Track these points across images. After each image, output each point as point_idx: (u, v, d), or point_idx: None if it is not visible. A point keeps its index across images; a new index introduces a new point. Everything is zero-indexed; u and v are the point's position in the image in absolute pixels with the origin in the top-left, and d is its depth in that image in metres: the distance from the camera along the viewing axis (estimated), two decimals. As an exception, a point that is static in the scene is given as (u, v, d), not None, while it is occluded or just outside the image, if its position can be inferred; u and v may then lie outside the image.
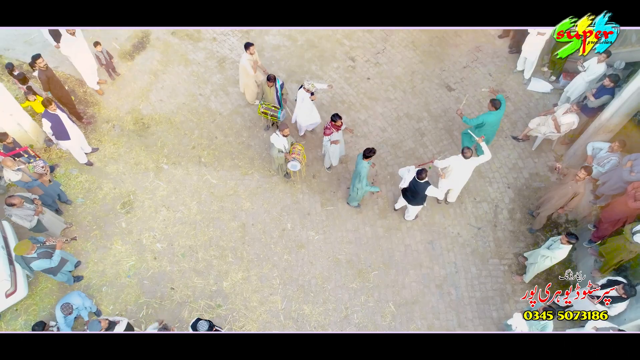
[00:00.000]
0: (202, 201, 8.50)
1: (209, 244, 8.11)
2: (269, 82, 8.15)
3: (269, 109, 8.51)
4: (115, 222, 8.25)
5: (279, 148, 7.79)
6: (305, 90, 8.09)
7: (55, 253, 6.73)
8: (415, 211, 7.90)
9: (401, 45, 10.44)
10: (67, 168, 8.74)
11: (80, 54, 8.90)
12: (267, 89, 8.31)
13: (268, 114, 8.58)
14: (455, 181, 7.74)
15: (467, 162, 7.30)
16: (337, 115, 7.68)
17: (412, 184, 7.23)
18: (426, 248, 8.12)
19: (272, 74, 8.14)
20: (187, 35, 10.52)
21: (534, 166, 8.89)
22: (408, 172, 7.27)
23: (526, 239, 8.18)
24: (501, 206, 8.50)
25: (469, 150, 7.20)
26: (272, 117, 8.64)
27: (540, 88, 9.75)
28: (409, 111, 9.53)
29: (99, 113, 9.43)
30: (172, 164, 8.87)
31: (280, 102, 8.52)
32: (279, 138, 7.74)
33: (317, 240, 8.16)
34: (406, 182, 7.26)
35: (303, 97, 8.19)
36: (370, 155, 7.23)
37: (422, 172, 7.01)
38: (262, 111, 8.60)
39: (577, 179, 7.02)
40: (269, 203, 8.51)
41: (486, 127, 7.79)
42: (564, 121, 8.25)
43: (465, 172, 7.53)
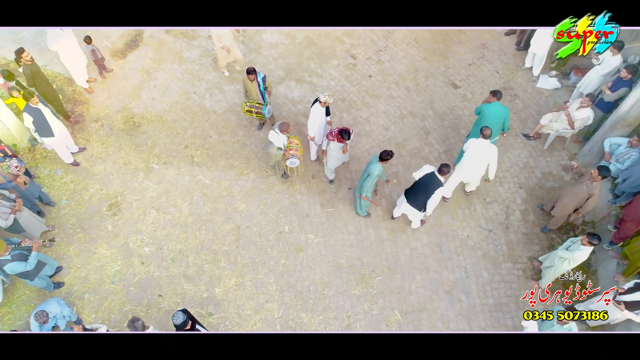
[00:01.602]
0: (194, 202, 7.98)
1: (200, 247, 7.56)
2: (250, 75, 7.62)
3: (253, 106, 8.05)
4: (100, 225, 7.72)
5: (278, 146, 7.30)
6: (322, 105, 7.30)
7: (31, 255, 6.19)
8: (418, 218, 7.32)
9: (403, 42, 10.04)
10: (51, 168, 8.25)
11: (69, 49, 8.49)
12: (249, 83, 7.78)
13: (253, 111, 8.11)
14: (473, 169, 7.22)
15: (487, 146, 6.85)
16: (347, 133, 6.93)
17: (427, 178, 6.68)
18: (433, 251, 7.56)
19: (251, 67, 7.61)
20: (181, 33, 10.14)
21: (546, 165, 8.38)
22: (427, 166, 6.76)
23: (541, 241, 7.63)
24: (513, 207, 7.96)
25: (489, 129, 6.76)
26: (257, 115, 8.15)
27: (549, 85, 9.31)
28: (413, 109, 9.08)
29: (88, 112, 8.98)
30: (163, 164, 8.38)
31: (264, 96, 8.05)
32: (278, 136, 7.23)
33: (317, 243, 7.62)
34: (422, 173, 6.73)
35: (317, 116, 7.46)
36: (387, 158, 6.64)
37: (445, 167, 6.50)
38: (247, 109, 8.12)
39: (592, 179, 6.52)
40: (266, 204, 7.99)
41: (485, 118, 7.28)
42: (579, 116, 7.77)
43: (483, 159, 7.03)
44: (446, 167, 6.46)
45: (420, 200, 6.86)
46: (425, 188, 6.70)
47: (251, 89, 7.84)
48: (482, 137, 6.83)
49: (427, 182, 6.66)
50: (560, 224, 7.49)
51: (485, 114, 7.29)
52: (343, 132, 6.93)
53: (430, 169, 6.67)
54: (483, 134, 6.80)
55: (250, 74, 7.61)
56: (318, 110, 7.38)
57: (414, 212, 7.08)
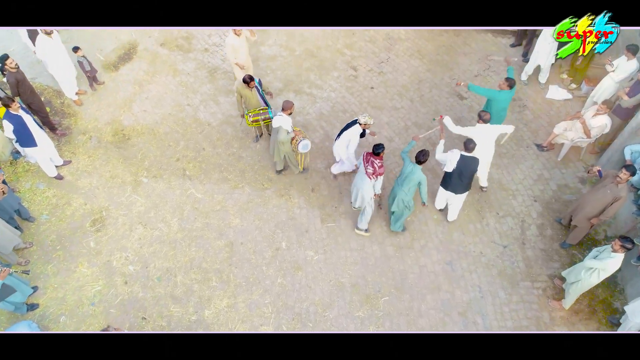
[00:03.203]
0: (185, 217, 7.41)
1: (189, 265, 6.94)
2: (249, 84, 7.19)
3: (258, 114, 7.55)
4: (82, 242, 7.12)
5: (287, 129, 6.89)
6: (362, 126, 6.94)
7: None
8: (461, 204, 6.99)
9: (406, 54, 9.70)
10: (33, 182, 7.72)
11: (57, 58, 8.12)
12: (248, 92, 7.33)
13: (259, 119, 7.60)
14: (482, 158, 6.76)
15: (489, 130, 6.56)
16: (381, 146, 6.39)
17: (461, 163, 6.32)
18: (444, 269, 6.93)
19: (246, 75, 7.21)
20: (177, 46, 9.83)
21: (561, 177, 7.85)
22: (451, 153, 6.36)
23: (561, 258, 7.01)
24: (528, 221, 7.38)
25: (487, 113, 6.51)
26: (265, 121, 7.68)
27: (559, 96, 8.90)
28: (418, 120, 8.62)
29: (76, 124, 8.53)
30: (153, 177, 7.85)
31: (265, 100, 7.61)
32: (284, 118, 6.84)
33: (317, 261, 6.99)
34: (453, 164, 6.29)
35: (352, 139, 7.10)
36: (425, 159, 6.26)
37: (470, 142, 6.13)
38: (252, 120, 7.58)
39: (617, 181, 5.99)
40: (261, 219, 7.41)
41: (493, 104, 7.09)
42: (595, 124, 7.29)
43: (489, 143, 6.73)
44: (472, 143, 6.18)
45: (466, 183, 6.62)
46: (465, 172, 6.45)
47: (250, 97, 7.39)
48: (481, 122, 6.59)
49: (464, 167, 6.39)
50: (581, 237, 6.89)
51: (495, 101, 7.12)
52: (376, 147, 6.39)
53: (457, 154, 6.34)
54: (483, 119, 6.56)
55: (249, 82, 7.18)
56: (356, 132, 7.03)
57: (461, 197, 6.85)
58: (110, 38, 9.91)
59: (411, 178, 6.34)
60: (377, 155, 6.38)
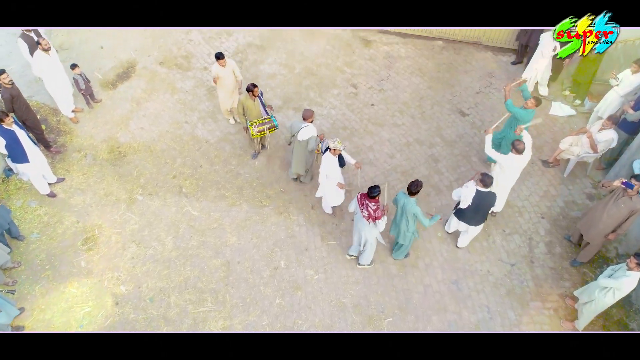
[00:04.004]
0: (180, 236, 7.15)
1: (184, 285, 6.64)
2: (252, 91, 7.05)
3: (263, 123, 7.39)
4: (73, 261, 6.85)
5: (314, 135, 6.77)
6: (332, 152, 6.39)
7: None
8: (476, 233, 6.67)
9: (406, 72, 9.63)
10: (25, 200, 7.50)
11: (54, 75, 8.03)
12: (250, 103, 7.19)
13: (264, 128, 7.42)
14: (506, 185, 6.65)
15: (521, 160, 6.35)
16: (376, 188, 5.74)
17: (477, 199, 6.01)
18: (450, 289, 6.63)
19: (250, 83, 7.10)
20: (176, 65, 9.78)
21: (568, 193, 7.63)
22: (466, 188, 6.03)
23: (571, 276, 6.72)
24: (536, 239, 7.12)
25: (521, 143, 6.21)
26: (270, 130, 7.50)
27: (563, 112, 8.78)
28: (420, 137, 8.47)
29: (71, 142, 8.36)
30: (148, 195, 7.63)
31: (267, 111, 7.48)
32: (310, 127, 6.74)
33: (317, 280, 6.70)
34: (469, 200, 6.00)
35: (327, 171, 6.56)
36: (417, 190, 5.80)
37: (487, 178, 5.83)
38: (258, 130, 7.39)
39: (629, 193, 5.77)
40: (259, 237, 7.15)
41: (516, 124, 6.92)
42: (601, 138, 7.11)
43: (516, 173, 6.54)
44: (489, 178, 5.87)
45: (482, 216, 6.29)
46: (481, 206, 6.12)
47: (252, 108, 7.25)
48: (515, 152, 6.26)
49: (480, 202, 6.06)
50: (592, 255, 6.62)
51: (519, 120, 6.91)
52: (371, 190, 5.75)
53: (472, 190, 5.97)
54: (517, 149, 6.22)
55: (253, 90, 7.07)
56: (330, 162, 6.46)
57: (477, 228, 6.54)
58: (110, 57, 9.88)
59: (406, 210, 5.99)
60: (373, 198, 5.75)
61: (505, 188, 6.76)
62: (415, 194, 5.83)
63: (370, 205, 5.83)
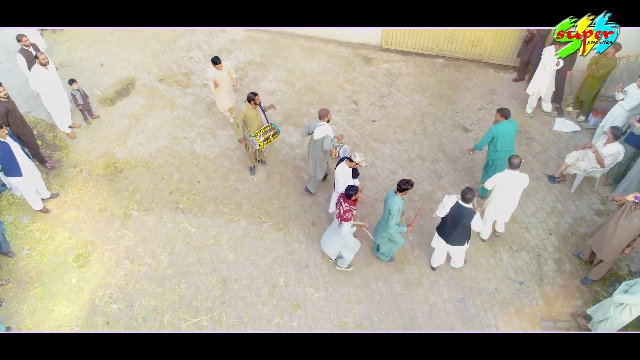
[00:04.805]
0: (175, 252, 6.91)
1: (178, 304, 6.36)
2: (253, 100, 6.94)
3: (267, 131, 7.20)
4: (63, 278, 6.59)
5: (331, 136, 6.62)
6: (350, 165, 6.29)
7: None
8: (462, 253, 6.35)
9: (407, 89, 9.56)
10: (17, 216, 7.30)
11: (51, 89, 7.94)
12: (252, 113, 7.06)
13: (269, 135, 7.21)
14: (504, 206, 6.39)
15: (517, 177, 6.06)
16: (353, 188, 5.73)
17: (455, 212, 5.74)
18: (456, 308, 6.34)
19: (250, 92, 6.99)
20: (175, 81, 9.72)
21: (576, 210, 7.42)
22: (448, 197, 5.85)
23: (583, 295, 6.44)
24: (544, 256, 6.87)
25: (518, 157, 5.99)
26: (274, 136, 7.31)
27: (567, 128, 8.66)
28: (422, 152, 8.31)
29: (67, 157, 8.22)
30: (144, 211, 7.42)
31: (267, 120, 7.35)
32: (325, 126, 6.62)
33: (317, 298, 6.42)
34: (446, 209, 5.77)
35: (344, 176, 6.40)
36: (407, 188, 5.68)
37: (468, 192, 5.58)
38: (263, 139, 7.16)
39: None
40: (258, 254, 6.90)
41: (500, 140, 6.77)
42: (607, 152, 6.95)
43: (515, 192, 6.25)
44: (470, 192, 5.57)
45: (459, 234, 5.94)
46: (457, 222, 5.79)
47: (254, 117, 7.11)
48: (510, 168, 6.05)
49: (457, 215, 5.76)
50: (604, 272, 6.36)
51: (501, 136, 6.76)
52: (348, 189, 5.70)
53: (452, 200, 5.75)
54: (511, 164, 6.01)
55: (252, 99, 6.96)
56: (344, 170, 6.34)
57: (457, 249, 6.17)
58: (109, 74, 9.84)
59: (386, 205, 5.85)
60: (348, 198, 5.66)
61: (506, 211, 6.53)
62: (403, 191, 5.73)
63: (343, 205, 5.75)
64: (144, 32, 10.88)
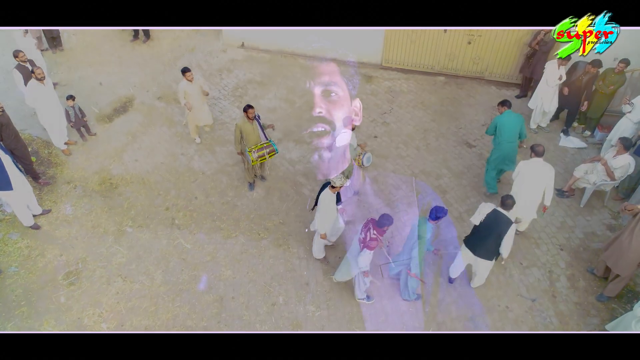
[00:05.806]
0: (170, 270, 6.60)
1: (172, 323, 6.01)
2: (248, 112, 6.76)
3: (262, 148, 7.03)
4: (52, 297, 6.26)
5: (354, 144, 6.53)
6: (333, 191, 5.86)
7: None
8: (487, 271, 6.04)
9: (409, 105, 9.46)
10: (6, 232, 7.03)
11: (47, 105, 7.81)
12: (248, 127, 6.87)
13: (264, 153, 7.03)
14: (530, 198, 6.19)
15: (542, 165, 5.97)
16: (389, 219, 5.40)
17: (491, 219, 5.48)
18: (466, 327, 5.99)
19: (246, 105, 6.85)
20: (174, 99, 9.61)
21: (587, 224, 7.15)
22: (484, 204, 5.61)
23: (599, 312, 6.10)
24: (557, 272, 6.56)
25: (541, 146, 5.91)
26: (270, 155, 7.14)
27: (572, 144, 8.49)
28: (425, 168, 8.11)
29: (61, 174, 8.01)
30: (138, 227, 7.16)
31: (266, 135, 7.16)
32: (346, 133, 6.48)
33: (319, 317, 6.08)
34: (482, 215, 5.52)
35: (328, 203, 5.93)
36: (442, 216, 5.39)
37: (509, 197, 5.40)
38: (258, 155, 6.99)
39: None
40: (256, 271, 6.60)
41: (504, 131, 6.88)
42: (617, 164, 6.76)
43: (539, 182, 6.08)
44: (510, 199, 5.41)
45: (489, 246, 5.65)
46: (491, 231, 5.53)
47: (250, 131, 6.93)
48: (534, 156, 5.93)
49: (492, 224, 5.50)
50: (620, 288, 6.06)
51: (503, 127, 6.85)
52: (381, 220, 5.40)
53: (490, 207, 5.55)
54: (536, 151, 5.91)
55: (246, 111, 6.80)
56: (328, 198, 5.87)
57: (483, 263, 5.86)
58: (108, 93, 9.75)
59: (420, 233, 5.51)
60: (379, 227, 5.39)
61: (530, 206, 6.33)
62: (437, 219, 5.44)
63: (371, 232, 5.42)
64: (144, 53, 10.88)
